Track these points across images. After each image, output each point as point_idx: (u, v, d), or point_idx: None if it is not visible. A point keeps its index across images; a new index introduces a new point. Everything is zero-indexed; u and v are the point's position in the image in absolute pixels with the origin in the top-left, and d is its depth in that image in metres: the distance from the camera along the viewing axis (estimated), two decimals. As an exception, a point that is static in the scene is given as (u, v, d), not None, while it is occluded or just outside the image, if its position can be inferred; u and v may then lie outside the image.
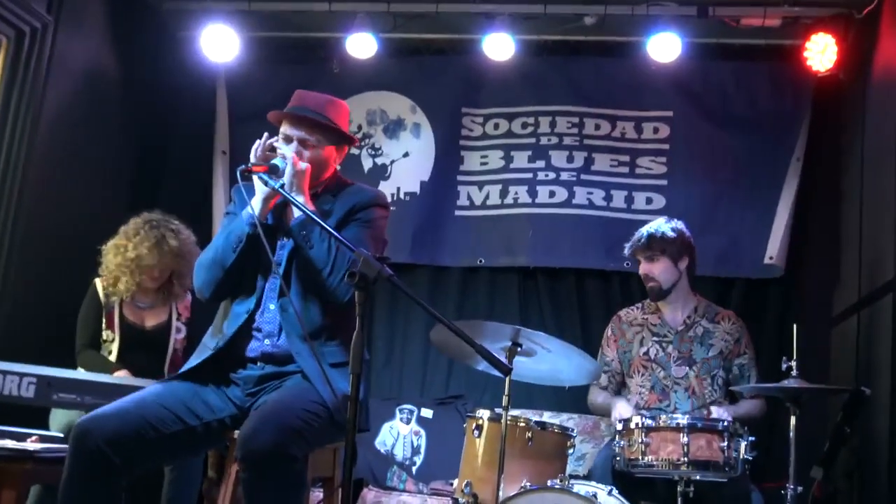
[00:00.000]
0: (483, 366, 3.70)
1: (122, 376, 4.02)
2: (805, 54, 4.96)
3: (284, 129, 3.08)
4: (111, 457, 2.57)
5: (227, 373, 2.94)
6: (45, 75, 4.59)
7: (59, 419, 3.97)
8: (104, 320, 4.24)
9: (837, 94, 5.17)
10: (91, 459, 2.57)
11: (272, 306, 2.96)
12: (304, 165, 2.96)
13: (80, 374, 3.81)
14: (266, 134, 3.06)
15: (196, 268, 3.04)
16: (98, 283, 4.27)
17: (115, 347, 4.21)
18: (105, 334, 4.23)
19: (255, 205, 2.93)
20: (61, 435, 3.43)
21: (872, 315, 4.30)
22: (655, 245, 4.11)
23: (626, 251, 4.25)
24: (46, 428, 3.91)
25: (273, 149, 3.02)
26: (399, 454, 5.12)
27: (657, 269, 4.13)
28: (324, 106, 3.11)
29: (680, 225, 4.19)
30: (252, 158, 2.97)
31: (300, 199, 2.89)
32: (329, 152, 3.10)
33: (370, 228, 3.06)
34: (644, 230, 4.18)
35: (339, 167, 3.21)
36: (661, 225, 4.16)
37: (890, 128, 4.18)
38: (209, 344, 2.99)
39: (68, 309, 4.35)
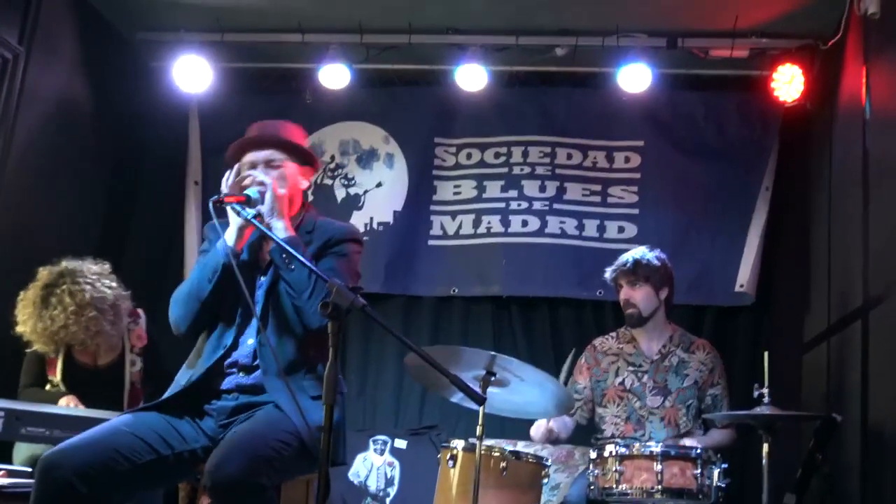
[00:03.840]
0: (457, 398, 3.69)
1: (69, 405, 3.93)
2: (772, 85, 5.04)
3: (248, 156, 3.07)
4: (79, 489, 2.52)
5: (201, 405, 2.91)
6: (17, 106, 4.56)
7: (23, 453, 3.89)
8: (47, 366, 4.14)
9: (805, 124, 5.25)
10: (59, 491, 2.52)
11: (249, 342, 2.95)
12: (283, 191, 2.96)
13: (50, 407, 3.74)
14: (238, 166, 3.05)
15: (171, 302, 3.02)
16: None
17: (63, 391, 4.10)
18: (50, 379, 4.13)
19: (230, 235, 2.91)
20: (28, 469, 3.38)
21: (842, 342, 4.33)
22: (640, 271, 4.15)
23: (609, 275, 4.27)
24: (9, 462, 3.84)
25: (247, 181, 3.00)
26: (373, 485, 5.08)
27: (639, 296, 4.16)
28: (280, 128, 3.16)
29: (663, 255, 4.24)
30: (224, 189, 2.96)
31: (279, 224, 2.90)
32: (294, 172, 3.11)
33: (346, 261, 3.06)
34: (629, 255, 4.21)
35: (311, 197, 3.21)
36: (646, 253, 4.21)
37: (856, 156, 4.24)
38: (182, 380, 2.96)
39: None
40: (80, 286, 4.02)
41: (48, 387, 4.14)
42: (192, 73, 5.37)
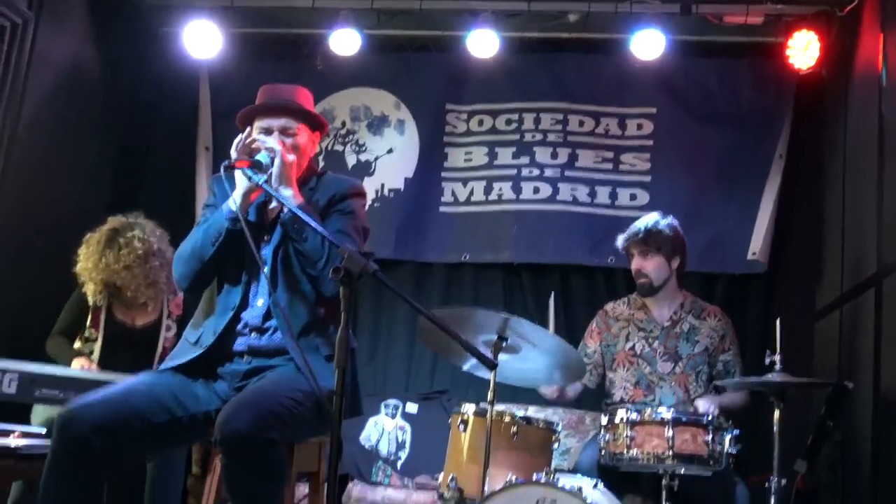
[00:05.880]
0: (468, 366, 3.69)
1: (81, 367, 4.01)
2: (787, 52, 5.00)
3: (262, 122, 3.06)
4: (95, 444, 2.53)
5: (214, 367, 2.92)
6: (26, 71, 4.56)
7: (41, 414, 3.94)
8: (90, 318, 4.21)
9: (819, 92, 5.20)
10: (75, 446, 2.54)
11: (259, 302, 2.95)
12: (291, 157, 2.95)
13: (64, 370, 3.80)
14: (249, 129, 3.04)
15: (175, 259, 3.03)
16: None
17: (97, 347, 4.18)
18: (89, 332, 4.20)
19: (236, 199, 2.89)
20: (43, 430, 3.40)
21: (855, 310, 4.32)
22: (651, 241, 4.10)
23: (620, 244, 4.23)
24: (28, 423, 3.89)
25: (255, 144, 2.99)
26: (384, 449, 5.11)
27: (650, 266, 4.13)
28: (294, 93, 3.14)
29: (675, 222, 4.17)
30: (233, 154, 2.95)
31: (288, 192, 2.88)
32: (307, 139, 3.11)
33: (352, 219, 3.05)
34: (640, 224, 4.16)
35: (322, 163, 3.21)
36: (658, 221, 4.14)
37: (871, 125, 4.21)
38: (190, 338, 2.97)
39: (47, 304, 4.32)
40: (148, 237, 4.23)
41: (78, 343, 4.21)
42: (203, 39, 5.34)
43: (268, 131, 3.04)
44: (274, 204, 3.01)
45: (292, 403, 2.65)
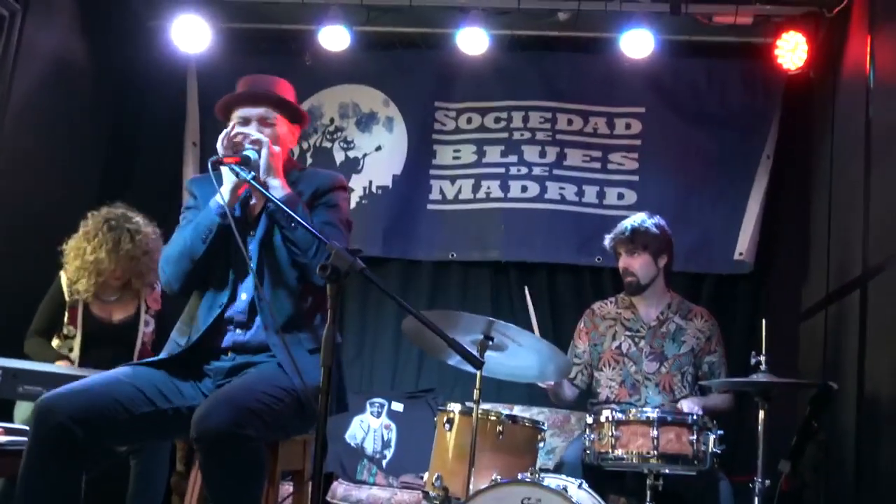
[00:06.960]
0: (454, 360, 3.70)
1: (63, 366, 3.97)
2: (776, 52, 5.01)
3: (241, 111, 3.05)
4: (76, 432, 2.50)
5: (199, 365, 2.90)
6: (14, 63, 4.53)
7: (24, 411, 3.92)
8: (67, 315, 4.18)
9: (807, 93, 5.22)
10: (55, 435, 2.50)
11: (244, 296, 2.93)
12: (277, 149, 2.94)
13: (47, 366, 3.77)
14: (232, 124, 3.03)
15: (162, 263, 3.00)
16: (63, 276, 4.21)
17: (77, 343, 4.15)
18: (67, 329, 4.17)
19: (224, 194, 2.88)
20: (26, 427, 3.38)
21: (840, 311, 4.34)
22: (639, 239, 4.12)
23: (608, 243, 4.25)
24: (10, 420, 3.86)
25: (239, 138, 2.97)
26: (369, 448, 5.11)
27: (637, 264, 4.14)
28: (274, 84, 3.13)
29: (662, 222, 4.20)
30: (219, 150, 2.93)
31: (276, 182, 2.88)
32: (286, 130, 3.11)
33: (337, 212, 3.05)
34: (627, 223, 4.18)
35: (310, 160, 3.20)
36: (645, 220, 4.17)
37: (858, 126, 4.22)
38: (179, 341, 2.95)
39: (30, 299, 4.29)
40: (150, 230, 4.28)
41: (56, 341, 4.18)
42: (191, 33, 5.31)
43: (246, 121, 3.03)
44: (255, 200, 3.01)
45: (272, 400, 2.63)
